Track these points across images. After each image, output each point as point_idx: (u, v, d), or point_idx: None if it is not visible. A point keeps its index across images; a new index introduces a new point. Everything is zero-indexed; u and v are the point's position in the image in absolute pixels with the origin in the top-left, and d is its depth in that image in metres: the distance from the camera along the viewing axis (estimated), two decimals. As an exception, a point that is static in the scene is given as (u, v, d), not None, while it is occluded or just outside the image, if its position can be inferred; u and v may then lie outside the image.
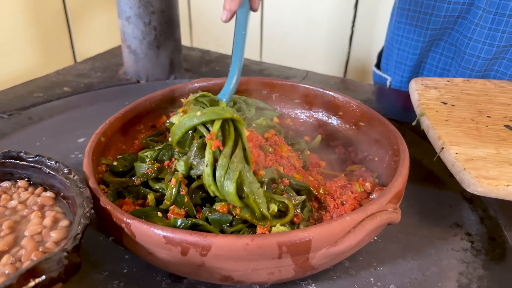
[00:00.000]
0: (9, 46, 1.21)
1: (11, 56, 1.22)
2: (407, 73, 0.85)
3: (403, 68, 0.85)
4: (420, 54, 0.81)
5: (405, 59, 0.83)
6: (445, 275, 0.45)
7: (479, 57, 0.73)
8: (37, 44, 1.27)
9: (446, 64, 0.81)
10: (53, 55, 1.34)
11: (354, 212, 0.39)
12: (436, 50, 0.81)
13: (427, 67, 0.83)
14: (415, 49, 0.81)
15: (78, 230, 0.36)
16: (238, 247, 0.36)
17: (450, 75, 0.80)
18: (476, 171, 0.46)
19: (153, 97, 0.62)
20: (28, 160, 0.47)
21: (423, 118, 0.58)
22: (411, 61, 0.83)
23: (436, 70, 0.82)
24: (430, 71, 0.83)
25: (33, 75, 0.92)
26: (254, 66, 0.96)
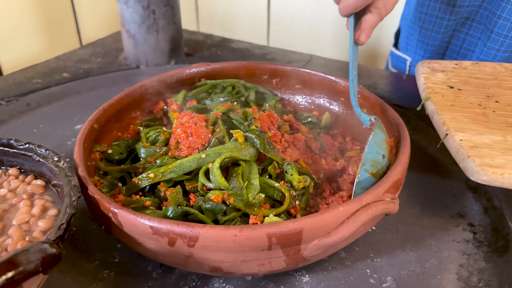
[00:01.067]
0: (15, 32, 1.20)
1: (17, 42, 1.22)
2: (429, 53, 0.81)
3: (425, 48, 0.81)
4: (444, 33, 0.77)
5: (428, 38, 0.79)
6: (444, 268, 0.43)
7: (507, 36, 0.69)
8: (43, 29, 1.27)
9: (470, 45, 0.76)
10: (59, 40, 1.33)
11: (347, 203, 0.37)
12: (461, 29, 0.76)
13: (450, 47, 0.79)
14: (439, 27, 0.77)
15: (63, 220, 0.35)
16: (226, 238, 0.35)
17: (474, 56, 0.76)
18: (480, 159, 0.44)
19: (149, 83, 0.60)
20: (19, 147, 0.46)
21: (428, 103, 0.56)
22: (435, 40, 0.79)
23: (460, 50, 0.78)
24: (453, 51, 0.79)
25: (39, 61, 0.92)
26: (257, 50, 0.94)
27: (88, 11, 1.39)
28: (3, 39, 1.18)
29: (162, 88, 0.62)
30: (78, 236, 0.47)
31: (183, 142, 0.48)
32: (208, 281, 0.41)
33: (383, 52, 1.30)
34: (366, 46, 1.30)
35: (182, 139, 0.48)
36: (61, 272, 0.42)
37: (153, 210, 0.43)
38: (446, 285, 0.41)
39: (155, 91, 0.61)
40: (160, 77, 0.62)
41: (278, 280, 0.42)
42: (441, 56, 0.81)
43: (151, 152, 0.49)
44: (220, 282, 0.41)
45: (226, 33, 1.50)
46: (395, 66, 0.91)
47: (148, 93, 0.61)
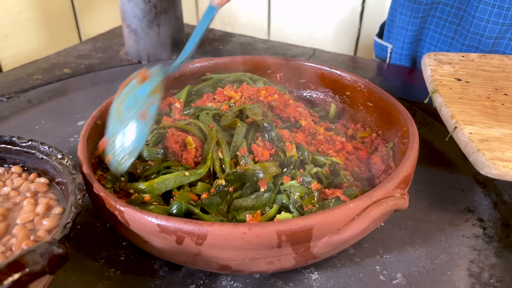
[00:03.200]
0: (14, 28, 1.19)
1: (16, 38, 1.21)
2: (408, 38, 0.81)
3: (405, 34, 0.81)
4: (422, 17, 0.77)
5: (407, 23, 0.79)
6: (455, 263, 0.43)
7: (488, 21, 0.69)
8: (42, 25, 1.25)
9: (450, 31, 0.76)
10: (58, 36, 1.32)
11: (358, 199, 0.37)
12: (440, 15, 0.76)
13: (431, 34, 0.79)
14: (417, 12, 0.77)
15: (69, 219, 0.35)
16: (235, 236, 0.34)
17: (456, 43, 0.76)
18: (491, 152, 0.43)
19: (152, 78, 0.59)
20: (21, 145, 0.45)
21: (436, 96, 0.55)
22: (413, 25, 0.78)
23: (440, 37, 0.78)
24: (433, 38, 0.79)
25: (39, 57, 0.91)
26: (260, 45, 0.93)
27: (87, 6, 1.38)
28: (2, 35, 1.17)
29: (165, 83, 0.61)
30: (82, 234, 0.46)
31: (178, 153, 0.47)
32: (215, 279, 0.41)
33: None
34: (370, 39, 1.29)
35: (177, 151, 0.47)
36: (66, 271, 0.42)
37: (156, 206, 0.42)
38: (457, 281, 0.41)
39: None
40: (163, 72, 0.61)
41: (286, 277, 0.41)
42: (422, 43, 0.81)
43: (153, 155, 0.47)
44: (228, 280, 0.41)
45: (226, 27, 1.48)
46: (377, 54, 0.92)
47: (151, 88, 0.60)
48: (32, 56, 1.25)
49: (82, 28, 1.39)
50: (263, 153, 0.46)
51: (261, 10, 1.40)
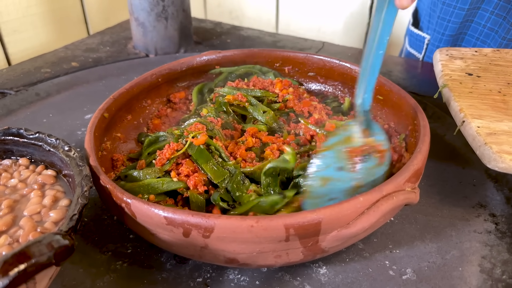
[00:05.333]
0: (22, 23, 1.20)
1: (25, 33, 1.21)
2: (449, 31, 0.77)
3: (446, 25, 0.77)
4: (469, 9, 0.73)
5: (450, 14, 0.75)
6: (466, 259, 0.42)
7: None
8: (51, 20, 1.26)
9: (495, 24, 0.73)
10: (66, 31, 1.32)
11: (368, 193, 0.36)
12: (487, 8, 0.73)
13: (473, 26, 0.76)
14: (464, 4, 0.73)
15: (75, 211, 0.34)
16: (243, 229, 0.34)
17: (497, 36, 0.73)
18: (498, 146, 0.43)
19: (159, 71, 0.59)
20: (29, 137, 0.45)
21: (445, 90, 0.54)
22: (457, 17, 0.75)
23: (483, 30, 0.75)
24: (475, 30, 0.76)
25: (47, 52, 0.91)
26: (267, 38, 0.92)
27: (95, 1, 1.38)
28: (11, 30, 1.18)
29: (172, 76, 0.61)
30: (89, 227, 0.46)
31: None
32: (223, 273, 0.41)
33: (395, 40, 1.27)
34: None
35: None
36: (73, 264, 0.41)
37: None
38: (468, 277, 0.40)
39: (165, 80, 0.60)
40: (170, 65, 0.60)
41: (294, 271, 0.41)
42: (462, 36, 0.78)
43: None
44: (235, 273, 0.40)
45: (234, 21, 1.48)
46: (412, 46, 0.88)
47: (159, 81, 0.59)
48: (41, 50, 1.25)
49: (90, 23, 1.39)
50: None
51: (270, 3, 1.39)
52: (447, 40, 0.79)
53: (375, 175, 0.41)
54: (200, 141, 0.45)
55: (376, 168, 0.42)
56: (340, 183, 0.40)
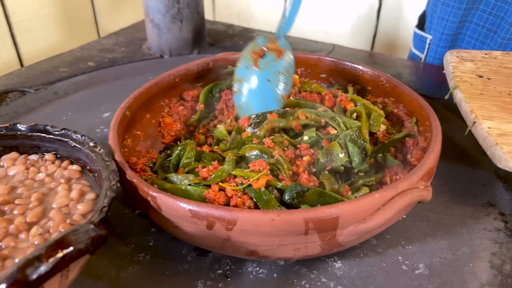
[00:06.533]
0: (34, 23, 1.22)
1: (36, 33, 1.23)
2: (448, 30, 0.79)
3: (445, 24, 0.79)
4: (466, 9, 0.76)
5: (449, 14, 0.78)
6: (476, 255, 0.43)
7: None
8: (62, 20, 1.28)
9: (493, 25, 0.75)
10: (77, 31, 1.34)
11: (383, 189, 0.38)
12: (484, 8, 0.75)
13: (472, 27, 0.78)
14: (461, 3, 0.75)
15: (105, 203, 0.36)
16: (264, 222, 0.35)
17: (496, 36, 0.75)
18: (508, 146, 0.44)
19: (177, 72, 0.61)
20: (55, 133, 0.47)
21: (456, 91, 0.55)
22: (455, 16, 0.77)
23: (482, 30, 0.76)
24: (474, 31, 0.78)
25: (58, 51, 0.93)
26: (279, 40, 0.94)
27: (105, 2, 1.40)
28: (23, 30, 1.20)
29: (189, 77, 0.63)
30: (112, 221, 0.48)
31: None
32: (241, 265, 0.42)
33: (402, 42, 1.28)
34: (386, 36, 1.29)
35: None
36: (98, 255, 0.43)
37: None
38: (479, 272, 0.41)
39: (182, 80, 0.62)
40: (187, 66, 0.62)
41: (310, 265, 0.42)
42: (462, 37, 0.79)
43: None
44: (254, 266, 0.42)
45: (243, 23, 1.49)
46: (416, 47, 0.90)
47: (176, 81, 0.61)
48: (52, 50, 1.27)
49: (100, 23, 1.41)
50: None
51: (278, 6, 1.41)
52: (446, 39, 0.80)
53: (277, 67, 0.55)
54: (260, 185, 0.41)
55: (275, 61, 0.55)
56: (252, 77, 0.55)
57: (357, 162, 0.46)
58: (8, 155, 0.47)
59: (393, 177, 0.46)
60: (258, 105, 0.54)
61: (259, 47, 0.56)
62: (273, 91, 0.54)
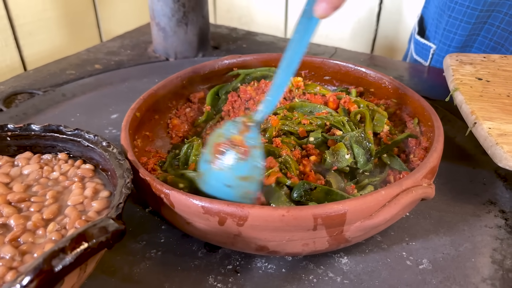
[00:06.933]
0: (38, 26, 1.23)
1: (39, 36, 1.24)
2: (456, 43, 0.80)
3: (452, 37, 0.80)
4: (475, 24, 0.76)
5: (456, 27, 0.78)
6: (478, 251, 0.45)
7: None
8: (65, 23, 1.29)
9: (501, 38, 0.76)
10: (79, 34, 1.36)
11: (389, 187, 0.39)
12: (493, 22, 0.76)
13: (480, 39, 0.79)
14: (470, 18, 0.76)
15: (121, 200, 0.37)
16: (274, 218, 0.37)
17: (504, 50, 0.76)
18: (509, 146, 0.46)
19: (184, 74, 0.62)
20: (68, 133, 0.48)
21: (457, 93, 0.57)
22: (464, 30, 0.78)
23: (490, 43, 0.78)
24: (482, 43, 0.79)
25: (60, 54, 0.94)
26: (282, 43, 0.95)
27: (108, 4, 1.41)
28: (26, 33, 1.21)
29: (195, 79, 0.64)
30: (123, 218, 0.48)
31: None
32: (251, 261, 0.43)
33: (401, 46, 1.30)
34: (386, 40, 1.31)
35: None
36: (111, 252, 0.44)
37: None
38: (481, 267, 0.43)
39: (189, 82, 0.63)
40: (194, 68, 0.64)
41: (317, 261, 0.44)
42: (468, 49, 0.81)
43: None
44: (263, 261, 0.43)
45: (244, 27, 1.51)
46: (418, 54, 0.91)
47: (183, 83, 0.63)
48: (54, 53, 1.29)
49: (102, 27, 1.42)
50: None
51: (279, 10, 1.42)
52: (453, 51, 0.81)
53: (240, 171, 0.41)
54: (271, 181, 0.42)
55: (237, 164, 0.41)
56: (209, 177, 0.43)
57: (362, 163, 0.48)
58: (22, 155, 0.48)
59: (397, 176, 0.48)
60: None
61: (223, 139, 0.43)
62: (235, 197, 0.41)
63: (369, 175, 0.48)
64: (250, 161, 0.41)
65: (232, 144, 0.42)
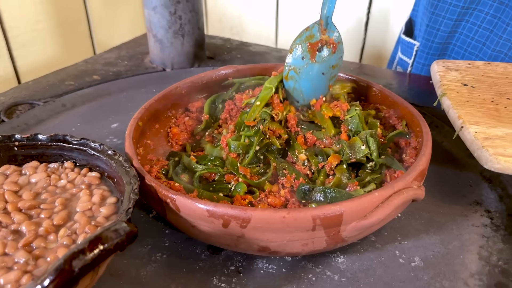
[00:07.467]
0: (31, 37, 1.24)
1: (33, 47, 1.26)
2: (439, 39, 0.84)
3: (435, 33, 0.84)
4: (457, 20, 0.81)
5: (439, 23, 0.82)
6: (466, 248, 0.47)
7: None
8: (58, 34, 1.31)
9: (482, 37, 0.80)
10: (72, 45, 1.37)
11: (382, 189, 0.42)
12: (475, 21, 0.80)
13: (462, 38, 0.82)
14: (452, 14, 0.80)
15: (130, 205, 0.39)
16: (276, 220, 0.39)
17: (486, 48, 0.79)
18: (494, 149, 0.48)
19: (183, 84, 0.65)
20: (74, 142, 0.50)
21: (444, 99, 0.60)
22: (446, 26, 0.82)
23: (471, 42, 0.81)
24: (464, 42, 0.83)
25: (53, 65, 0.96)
26: (275, 53, 0.98)
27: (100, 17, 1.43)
28: (19, 44, 1.23)
29: (194, 89, 0.66)
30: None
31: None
32: (252, 262, 0.46)
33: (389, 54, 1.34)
34: (374, 48, 1.35)
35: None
36: (118, 256, 0.46)
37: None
38: (469, 263, 0.45)
39: (188, 92, 0.66)
40: (192, 78, 0.66)
41: (316, 260, 0.46)
42: (452, 47, 0.84)
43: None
44: (264, 262, 0.46)
45: (235, 37, 1.54)
46: (403, 53, 0.95)
47: (182, 93, 0.65)
48: (48, 64, 1.30)
49: (95, 38, 1.44)
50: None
51: (269, 20, 1.46)
52: (436, 47, 0.85)
53: (331, 61, 0.58)
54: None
55: (330, 56, 0.58)
56: (307, 69, 0.58)
57: (375, 155, 0.51)
58: (29, 164, 0.50)
59: (392, 175, 0.50)
60: (309, 92, 0.59)
61: (315, 39, 0.57)
62: (324, 82, 0.59)
63: (370, 172, 0.51)
64: (337, 53, 0.58)
65: (324, 42, 0.57)
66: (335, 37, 0.57)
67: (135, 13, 1.57)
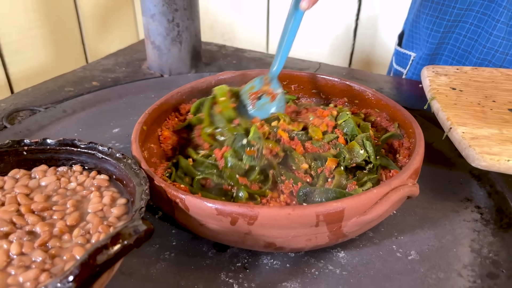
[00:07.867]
0: (23, 44, 1.25)
1: (25, 54, 1.27)
2: (428, 50, 0.88)
3: (425, 45, 0.88)
4: (443, 32, 0.85)
5: (428, 35, 0.86)
6: (459, 242, 0.50)
7: (504, 38, 0.77)
8: (50, 41, 1.31)
9: (468, 46, 0.84)
10: (64, 52, 1.38)
11: (380, 186, 0.44)
12: (460, 32, 0.84)
13: (449, 48, 0.86)
14: (439, 27, 0.84)
15: (142, 204, 0.41)
16: (282, 216, 0.41)
17: (471, 57, 0.83)
18: (480, 148, 0.51)
19: (183, 89, 0.67)
20: (82, 146, 0.51)
21: (434, 102, 0.63)
22: (434, 38, 0.86)
23: (458, 51, 0.85)
24: (451, 51, 0.87)
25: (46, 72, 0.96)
26: (269, 59, 1.01)
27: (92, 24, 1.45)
28: (12, 51, 1.24)
29: (193, 94, 0.68)
30: (135, 225, 0.52)
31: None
32: (257, 258, 0.48)
33: (377, 59, 1.38)
34: (363, 54, 1.38)
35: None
36: (128, 255, 0.47)
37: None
38: (461, 256, 0.48)
39: (188, 97, 0.68)
40: (193, 84, 0.68)
41: (318, 256, 0.48)
42: (440, 56, 0.88)
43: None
44: (268, 258, 0.48)
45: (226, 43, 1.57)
46: (398, 63, 0.99)
47: (182, 99, 0.67)
48: (40, 71, 1.31)
49: (87, 45, 1.45)
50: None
51: (260, 27, 1.48)
52: (426, 58, 0.89)
53: (269, 109, 0.63)
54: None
55: (269, 104, 0.63)
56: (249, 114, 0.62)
57: (373, 157, 0.53)
58: (38, 168, 0.51)
59: (388, 175, 0.53)
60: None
61: (256, 89, 0.63)
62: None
63: (367, 172, 0.53)
64: (277, 101, 0.63)
65: (263, 92, 0.63)
66: (274, 87, 0.63)
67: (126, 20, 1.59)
